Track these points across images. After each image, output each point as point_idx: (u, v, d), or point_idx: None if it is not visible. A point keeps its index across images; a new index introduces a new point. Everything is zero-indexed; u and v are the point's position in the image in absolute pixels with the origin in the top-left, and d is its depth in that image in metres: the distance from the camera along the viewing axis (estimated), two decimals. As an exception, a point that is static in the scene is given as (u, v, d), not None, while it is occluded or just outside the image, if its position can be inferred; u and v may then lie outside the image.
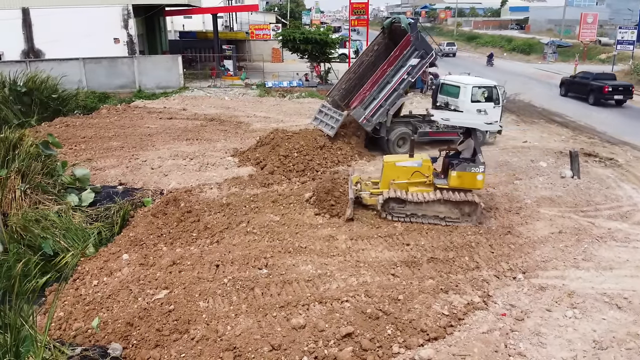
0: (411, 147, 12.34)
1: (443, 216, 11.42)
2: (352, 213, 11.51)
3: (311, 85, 32.12)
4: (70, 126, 20.80)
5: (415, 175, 11.66)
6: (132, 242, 10.63)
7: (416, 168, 11.66)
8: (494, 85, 18.51)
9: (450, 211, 11.41)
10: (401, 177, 11.71)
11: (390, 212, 11.56)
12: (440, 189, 11.53)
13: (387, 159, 12.31)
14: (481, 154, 11.53)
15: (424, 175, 11.65)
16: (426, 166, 11.67)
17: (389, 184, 11.74)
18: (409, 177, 11.68)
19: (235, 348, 7.28)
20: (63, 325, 8.08)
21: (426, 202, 11.32)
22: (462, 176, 11.32)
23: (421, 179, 11.67)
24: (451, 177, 11.39)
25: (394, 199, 11.41)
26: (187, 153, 17.15)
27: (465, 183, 11.36)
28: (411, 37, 16.41)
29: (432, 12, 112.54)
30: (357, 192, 12.05)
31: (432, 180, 11.69)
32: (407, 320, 7.89)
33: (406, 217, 11.50)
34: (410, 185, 11.67)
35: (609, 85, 27.43)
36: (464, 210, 11.42)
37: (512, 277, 9.46)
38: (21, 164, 11.77)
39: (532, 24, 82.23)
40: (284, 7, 69.77)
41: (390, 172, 11.83)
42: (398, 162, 11.90)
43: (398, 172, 11.75)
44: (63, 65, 26.67)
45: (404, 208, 11.48)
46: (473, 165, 11.34)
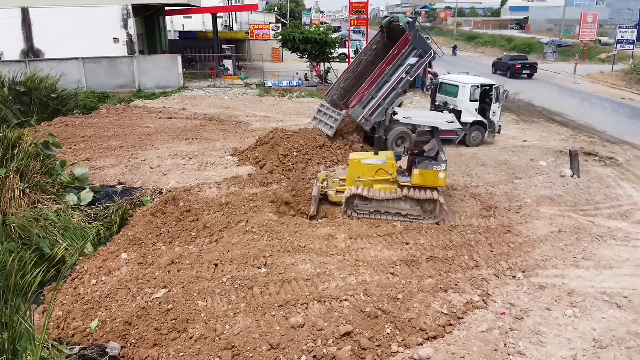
0: (377, 145, 12.32)
1: (405, 213, 11.51)
2: (316, 210, 11.68)
3: (311, 85, 32.10)
4: (70, 126, 20.79)
5: (380, 173, 11.81)
6: (131, 242, 10.61)
7: (380, 166, 11.79)
8: (494, 85, 18.47)
9: (413, 209, 11.51)
10: (366, 174, 11.84)
11: (354, 209, 11.68)
12: (403, 186, 11.65)
13: (352, 156, 12.43)
14: (443, 153, 11.66)
15: (388, 173, 11.78)
16: (390, 164, 11.80)
17: (354, 182, 11.85)
18: (374, 174, 11.80)
19: (234, 347, 7.25)
20: (62, 325, 8.06)
21: (388, 199, 11.45)
22: (424, 174, 11.43)
23: (385, 177, 11.80)
24: (414, 175, 11.51)
25: (357, 196, 11.52)
26: (187, 153, 17.13)
27: (427, 181, 11.46)
28: (410, 36, 16.39)
29: (432, 12, 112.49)
30: (322, 189, 12.15)
31: (396, 178, 11.79)
32: (407, 320, 7.87)
33: (370, 214, 11.62)
34: (375, 183, 11.80)
35: (519, 63, 38.21)
36: (425, 208, 11.50)
37: (511, 276, 9.44)
38: (20, 164, 11.75)
39: (532, 23, 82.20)
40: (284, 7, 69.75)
41: (355, 169, 11.96)
42: (363, 159, 12.01)
43: (363, 170, 11.88)
44: (63, 65, 26.64)
45: (367, 205, 11.57)
46: (435, 164, 11.44)
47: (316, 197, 11.69)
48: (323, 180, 12.45)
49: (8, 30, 28.03)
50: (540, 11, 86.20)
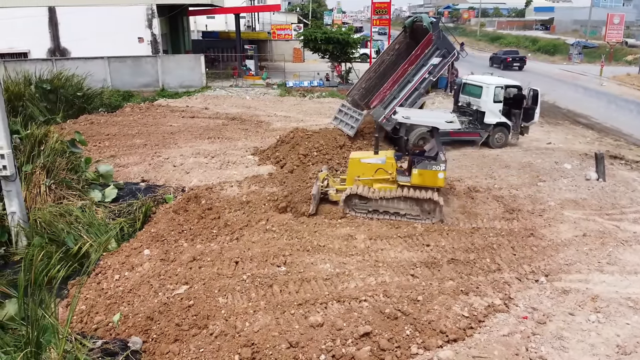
0: (376, 144, 12.37)
1: (404, 213, 11.52)
2: (314, 209, 11.73)
3: (332, 85, 32.09)
4: (95, 124, 21.15)
5: (379, 172, 11.82)
6: (153, 238, 10.74)
7: (380, 165, 11.80)
8: (517, 86, 18.23)
9: (411, 208, 11.52)
10: (366, 173, 11.87)
11: (352, 207, 11.73)
12: (403, 186, 11.64)
13: (352, 155, 12.45)
14: (443, 153, 11.60)
15: (387, 172, 11.78)
16: (389, 163, 11.81)
17: (354, 181, 11.88)
18: (373, 173, 11.82)
19: (253, 344, 7.29)
20: (84, 319, 8.20)
21: (386, 198, 11.45)
22: (423, 174, 11.44)
23: (385, 176, 11.81)
24: (413, 175, 11.53)
25: (356, 195, 11.56)
26: (209, 151, 17.30)
27: (426, 181, 11.45)
28: (433, 36, 16.29)
29: (455, 12, 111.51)
30: (322, 188, 12.20)
31: (395, 178, 11.79)
32: (426, 321, 7.82)
33: (368, 213, 11.64)
34: (374, 182, 11.81)
35: (510, 57, 44.82)
36: (424, 208, 11.49)
37: (534, 280, 9.31)
38: (46, 160, 11.98)
39: (557, 24, 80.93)
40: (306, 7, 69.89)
41: (355, 168, 11.98)
42: (363, 158, 12.02)
43: (363, 169, 11.90)
44: (88, 64, 27.09)
45: (366, 204, 11.59)
46: (434, 164, 11.42)
47: (315, 196, 11.73)
48: (323, 179, 12.53)
49: (35, 28, 28.60)
50: (566, 12, 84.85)
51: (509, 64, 43.74)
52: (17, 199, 10.42)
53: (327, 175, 12.76)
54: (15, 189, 10.37)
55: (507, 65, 43.47)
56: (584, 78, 38.79)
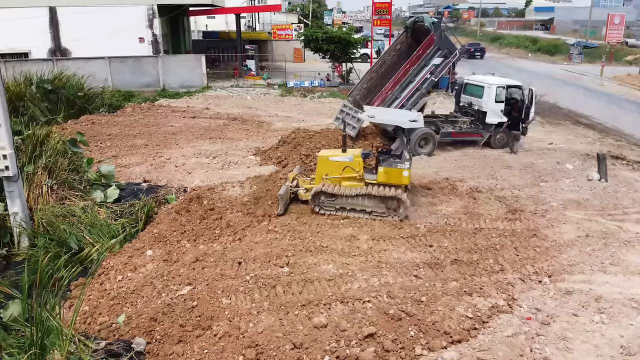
0: (344, 143, 12.43)
1: (370, 210, 11.64)
2: (282, 209, 11.79)
3: (333, 85, 32.09)
4: (96, 124, 21.14)
5: (347, 171, 11.92)
6: (156, 239, 10.73)
7: (347, 163, 11.91)
8: (519, 86, 18.21)
9: (377, 206, 11.64)
10: (334, 171, 11.97)
11: (320, 205, 11.81)
12: (369, 184, 11.78)
13: (321, 154, 12.53)
14: (408, 151, 11.74)
15: (355, 170, 11.90)
16: (357, 161, 11.89)
17: (322, 179, 11.98)
18: (341, 172, 11.94)
19: (257, 345, 7.28)
20: (88, 320, 8.18)
21: (352, 196, 11.59)
22: (388, 172, 11.61)
23: (352, 174, 11.92)
24: (379, 173, 11.72)
25: (323, 192, 11.68)
26: (210, 151, 17.29)
27: (392, 179, 11.63)
28: (435, 36, 16.29)
29: (455, 12, 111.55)
30: (292, 188, 12.30)
31: (362, 175, 11.92)
32: (430, 322, 7.81)
33: (335, 210, 11.76)
34: (343, 180, 11.92)
35: (473, 48, 54.74)
36: (390, 205, 11.61)
37: (537, 281, 9.30)
38: (48, 160, 11.95)
39: (558, 24, 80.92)
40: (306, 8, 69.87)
41: (323, 166, 12.08)
42: (331, 157, 12.12)
43: (331, 167, 11.99)
44: (89, 64, 27.13)
45: (333, 202, 11.73)
46: (399, 162, 11.59)
47: (282, 196, 11.79)
48: (293, 179, 12.57)
49: (36, 29, 28.59)
50: (566, 12, 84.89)
51: (472, 54, 53.23)
52: (19, 199, 10.41)
53: (297, 175, 12.84)
54: (18, 189, 10.36)
55: (470, 55, 51.97)
56: (585, 78, 38.80)
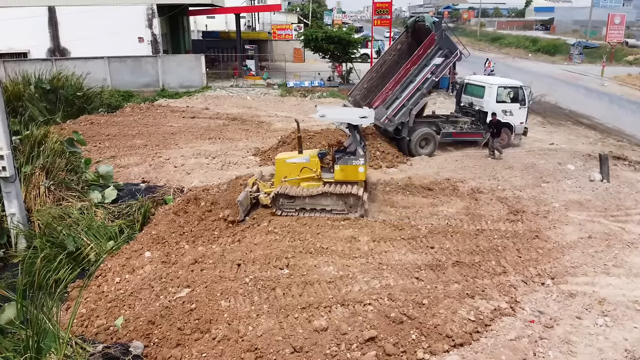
0: (299, 144, 12.45)
1: (330, 209, 11.71)
2: (243, 215, 11.73)
3: (333, 85, 31.98)
4: (95, 124, 21.02)
5: (304, 171, 11.99)
6: (154, 240, 10.62)
7: (304, 164, 12.01)
8: (520, 86, 18.14)
9: (336, 204, 11.72)
10: (292, 173, 12.04)
11: (280, 207, 11.81)
12: (326, 182, 11.86)
13: (278, 156, 12.61)
14: (361, 147, 11.81)
15: (312, 170, 11.97)
16: (313, 162, 11.99)
17: (281, 181, 12.03)
18: (299, 173, 12.00)
19: (256, 349, 7.18)
20: (85, 322, 8.09)
21: (310, 196, 11.63)
22: (344, 169, 11.75)
23: (310, 174, 11.99)
24: (335, 171, 11.85)
25: (281, 195, 11.71)
26: (210, 152, 17.20)
27: (348, 176, 11.78)
28: (435, 35, 16.20)
29: (455, 12, 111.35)
30: (252, 194, 12.28)
31: (320, 175, 11.99)
32: (432, 325, 7.70)
33: (296, 211, 11.76)
34: (302, 181, 11.99)
35: None
36: (348, 202, 11.68)
37: (540, 283, 9.21)
38: (45, 161, 11.86)
39: (558, 24, 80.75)
40: (306, 8, 69.77)
41: (281, 169, 12.14)
42: (288, 159, 12.19)
43: (289, 169, 12.06)
44: (88, 64, 26.98)
45: (293, 203, 11.72)
46: (354, 159, 11.71)
47: (241, 202, 11.70)
48: (253, 184, 12.53)
49: (35, 28, 28.46)
50: (566, 12, 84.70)
51: None
52: (17, 200, 10.31)
53: (257, 179, 12.80)
54: (15, 190, 10.26)
55: None
56: (585, 78, 38.67)
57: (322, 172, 12.00)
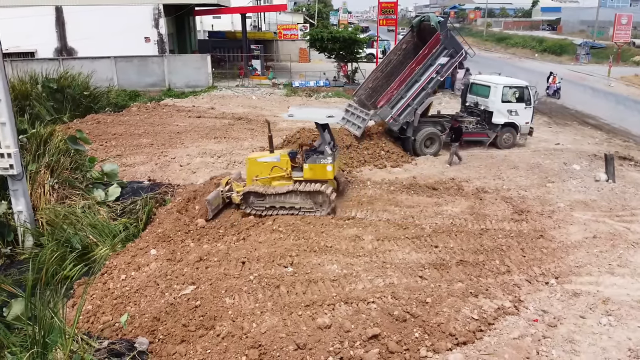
0: (270, 143, 12.56)
1: (299, 207, 11.87)
2: (211, 214, 11.83)
3: (338, 85, 32.00)
4: (102, 123, 21.15)
5: (275, 170, 12.16)
6: (160, 238, 10.70)
7: (275, 163, 12.17)
8: (525, 86, 18.10)
9: (305, 202, 11.88)
10: (263, 172, 12.19)
11: (251, 206, 11.93)
12: (296, 181, 12.02)
13: (249, 156, 12.77)
14: (329, 146, 12.00)
15: (282, 169, 12.13)
16: (284, 160, 12.14)
17: (252, 180, 12.16)
18: (270, 172, 12.16)
19: (260, 346, 7.23)
20: (91, 319, 8.17)
21: (279, 194, 11.78)
22: (313, 168, 11.94)
23: (280, 173, 12.16)
24: (304, 170, 12.02)
25: (252, 192, 11.86)
26: (215, 151, 17.27)
27: (317, 174, 11.96)
28: (441, 35, 16.20)
29: (462, 12, 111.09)
30: (224, 193, 12.39)
31: (290, 174, 12.16)
32: (436, 324, 7.73)
33: (266, 209, 11.89)
34: (272, 180, 12.15)
35: None
36: (317, 200, 11.86)
37: (544, 282, 9.21)
38: (50, 159, 11.96)
39: (564, 24, 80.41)
40: (312, 8, 69.78)
41: (253, 168, 12.27)
42: (259, 158, 12.35)
43: (260, 168, 12.21)
44: (95, 63, 27.14)
45: (263, 201, 11.86)
46: (322, 157, 11.90)
47: (209, 201, 11.81)
48: (226, 183, 12.62)
49: (42, 28, 28.65)
50: (573, 12, 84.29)
51: None
52: (24, 198, 10.41)
53: (230, 179, 12.87)
54: (22, 188, 10.36)
55: None
56: (592, 79, 38.51)
57: (292, 171, 12.17)
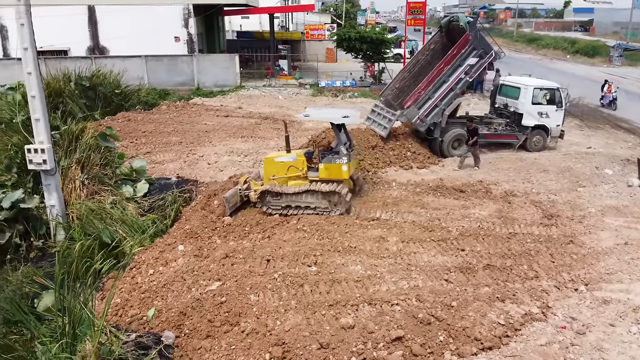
0: (287, 143, 12.57)
1: (314, 206, 11.91)
2: (229, 212, 11.90)
3: (364, 85, 31.92)
4: (132, 121, 21.54)
5: (291, 170, 12.20)
6: (187, 234, 10.86)
7: (291, 163, 12.21)
8: (556, 88, 17.75)
9: (320, 201, 11.91)
10: (280, 172, 12.24)
11: (267, 205, 11.99)
12: (312, 180, 12.05)
13: (267, 155, 12.87)
14: (344, 146, 12.02)
15: (298, 169, 12.09)
16: (300, 160, 12.21)
17: (269, 180, 12.21)
18: (286, 171, 12.21)
19: (284, 343, 7.26)
20: (119, 312, 8.34)
21: (294, 193, 11.83)
22: (328, 168, 11.99)
23: (297, 173, 12.20)
24: (320, 170, 12.08)
25: (269, 192, 11.92)
26: (242, 150, 17.44)
27: (332, 174, 12.00)
28: (470, 35, 16.00)
29: (492, 12, 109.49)
30: (242, 192, 12.46)
31: (306, 174, 12.19)
32: (461, 328, 7.64)
33: (282, 209, 11.97)
34: (289, 179, 12.18)
35: None
36: (332, 200, 11.88)
37: (573, 289, 9.01)
38: (81, 155, 12.24)
39: (597, 26, 78.62)
40: (340, 8, 69.72)
41: (270, 168, 12.33)
42: (276, 158, 12.41)
43: (277, 168, 12.27)
44: (126, 62, 27.65)
45: (279, 200, 11.93)
46: (337, 157, 11.95)
47: (227, 199, 11.92)
48: (244, 182, 12.67)
49: (75, 27, 29.33)
50: (606, 13, 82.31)
51: None
52: (57, 192, 10.68)
53: (249, 178, 12.93)
54: (55, 182, 10.62)
55: None
56: (625, 81, 37.46)
57: (308, 171, 12.23)
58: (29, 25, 9.84)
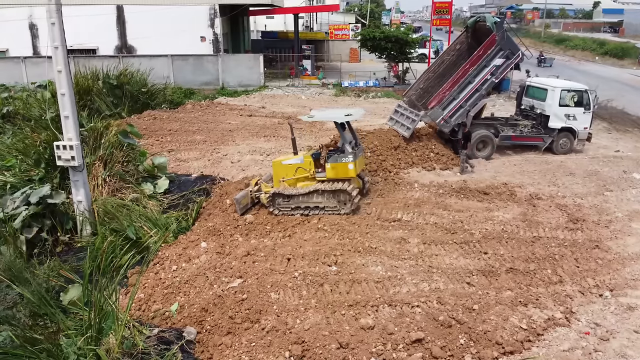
0: (294, 145, 12.58)
1: (323, 206, 11.95)
2: (239, 212, 12.00)
3: (387, 85, 31.80)
4: (158, 119, 21.89)
5: (299, 171, 12.25)
6: (210, 232, 11.00)
7: (299, 164, 12.24)
8: (584, 90, 17.42)
9: (328, 201, 11.95)
10: (288, 174, 12.25)
11: (277, 207, 12.02)
12: (320, 181, 12.11)
13: (275, 159, 12.97)
14: (349, 145, 11.97)
15: (306, 170, 12.23)
16: (307, 162, 12.26)
17: (279, 182, 12.24)
18: (294, 173, 12.22)
19: (303, 342, 7.30)
20: (143, 307, 8.49)
21: (302, 194, 11.85)
22: (335, 167, 12.01)
23: (305, 174, 12.24)
24: (327, 169, 12.12)
25: (277, 194, 11.93)
26: (265, 149, 17.56)
27: (339, 173, 12.02)
28: (496, 36, 15.82)
29: (519, 12, 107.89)
30: (253, 193, 12.49)
31: (314, 174, 12.20)
32: (482, 331, 7.57)
33: (292, 210, 12.00)
34: (297, 181, 12.25)
35: None
36: (340, 198, 11.92)
37: (598, 294, 8.84)
38: (104, 152, 12.49)
39: (627, 27, 76.81)
40: (364, 8, 69.54)
41: (278, 170, 12.37)
42: (283, 160, 12.45)
43: (285, 170, 12.31)
44: (152, 61, 28.09)
45: (288, 202, 11.97)
46: (343, 156, 11.98)
47: (237, 200, 12.00)
48: (255, 184, 12.70)
49: (103, 26, 29.95)
50: (636, 14, 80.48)
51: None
52: (84, 188, 10.91)
53: (259, 180, 12.96)
54: (82, 179, 10.86)
55: None
56: (657, 84, 36.64)
57: (316, 172, 12.29)
58: (60, 24, 10.06)
